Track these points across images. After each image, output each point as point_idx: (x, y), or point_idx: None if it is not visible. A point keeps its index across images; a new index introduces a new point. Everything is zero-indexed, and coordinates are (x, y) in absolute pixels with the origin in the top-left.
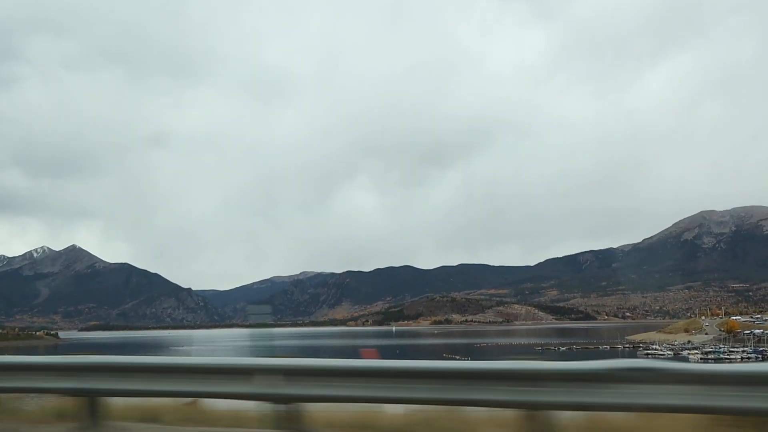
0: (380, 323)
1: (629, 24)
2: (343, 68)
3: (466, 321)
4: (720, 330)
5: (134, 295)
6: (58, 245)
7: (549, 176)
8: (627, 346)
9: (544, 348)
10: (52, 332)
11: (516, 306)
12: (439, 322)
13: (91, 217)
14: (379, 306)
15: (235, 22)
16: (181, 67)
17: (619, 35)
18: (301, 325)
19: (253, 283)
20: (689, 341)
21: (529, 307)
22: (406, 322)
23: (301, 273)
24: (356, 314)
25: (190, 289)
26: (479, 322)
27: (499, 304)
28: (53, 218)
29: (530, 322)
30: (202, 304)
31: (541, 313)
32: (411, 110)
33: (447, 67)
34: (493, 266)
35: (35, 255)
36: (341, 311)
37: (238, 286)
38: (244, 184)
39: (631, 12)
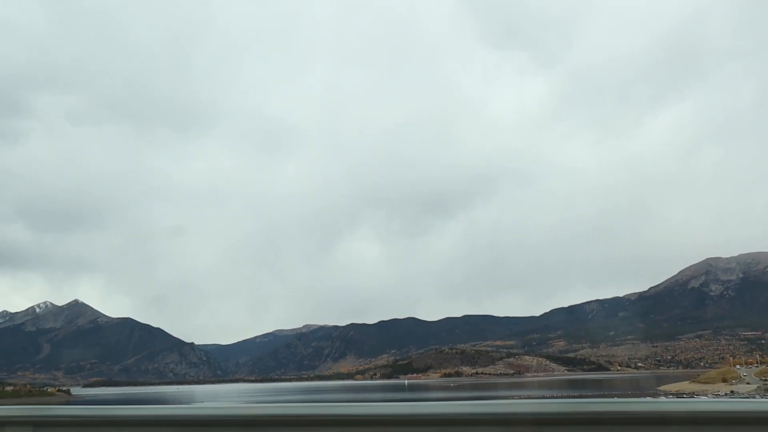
0: (388, 376)
1: (629, 70)
2: (346, 119)
3: (477, 373)
4: (761, 379)
5: (136, 351)
6: (61, 300)
7: (552, 224)
8: (670, 396)
9: None
10: (63, 389)
11: (527, 357)
12: (449, 375)
13: (94, 270)
14: (384, 359)
15: (238, 75)
16: (184, 120)
17: (620, 81)
18: (306, 379)
19: (256, 337)
20: (732, 391)
21: (540, 359)
22: (415, 375)
23: (303, 326)
24: (361, 368)
25: (192, 343)
26: (490, 374)
27: (508, 355)
28: (56, 272)
29: (542, 374)
30: (204, 358)
31: (552, 365)
32: (413, 159)
33: (448, 117)
34: (498, 317)
35: (38, 310)
36: (346, 365)
37: (240, 340)
38: (247, 236)
39: (630, 58)
